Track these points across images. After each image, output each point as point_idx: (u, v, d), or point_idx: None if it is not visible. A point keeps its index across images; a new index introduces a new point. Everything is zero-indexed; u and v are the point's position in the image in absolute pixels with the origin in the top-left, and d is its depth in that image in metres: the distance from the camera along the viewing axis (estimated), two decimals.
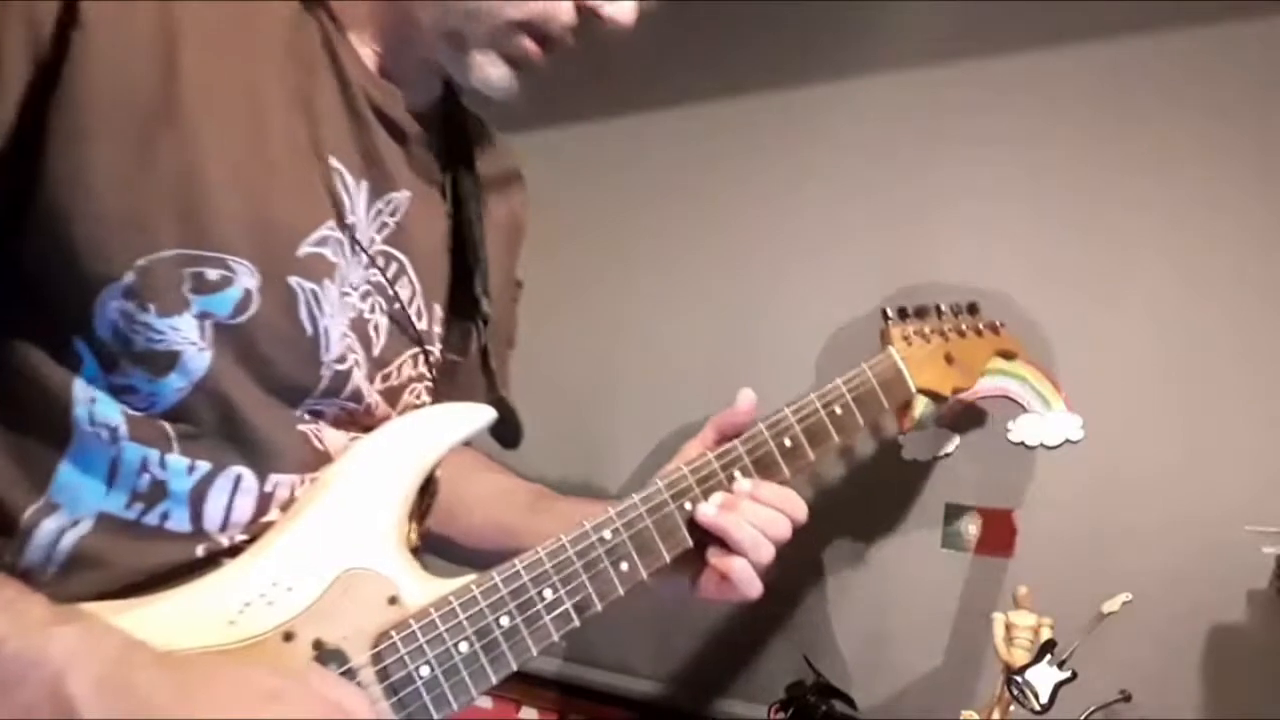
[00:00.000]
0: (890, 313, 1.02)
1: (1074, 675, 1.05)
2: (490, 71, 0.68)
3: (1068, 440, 1.25)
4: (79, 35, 0.55)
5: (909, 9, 1.43)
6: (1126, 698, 1.08)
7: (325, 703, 0.58)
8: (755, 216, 1.55)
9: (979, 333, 1.10)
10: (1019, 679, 1.06)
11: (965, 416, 1.31)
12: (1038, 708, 1.04)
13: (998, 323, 1.13)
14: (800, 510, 0.81)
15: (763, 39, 1.55)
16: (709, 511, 0.78)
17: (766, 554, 0.78)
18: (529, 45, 0.68)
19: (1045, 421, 1.26)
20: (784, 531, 0.79)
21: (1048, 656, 1.06)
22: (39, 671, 0.51)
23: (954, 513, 1.31)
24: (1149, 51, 1.27)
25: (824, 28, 1.50)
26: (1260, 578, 1.09)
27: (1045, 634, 1.09)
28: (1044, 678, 1.05)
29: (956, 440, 1.33)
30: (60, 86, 0.55)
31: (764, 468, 0.83)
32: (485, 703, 1.57)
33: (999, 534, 1.28)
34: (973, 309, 1.10)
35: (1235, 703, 1.12)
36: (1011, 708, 1.08)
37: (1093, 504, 1.23)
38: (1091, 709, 1.08)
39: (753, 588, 0.79)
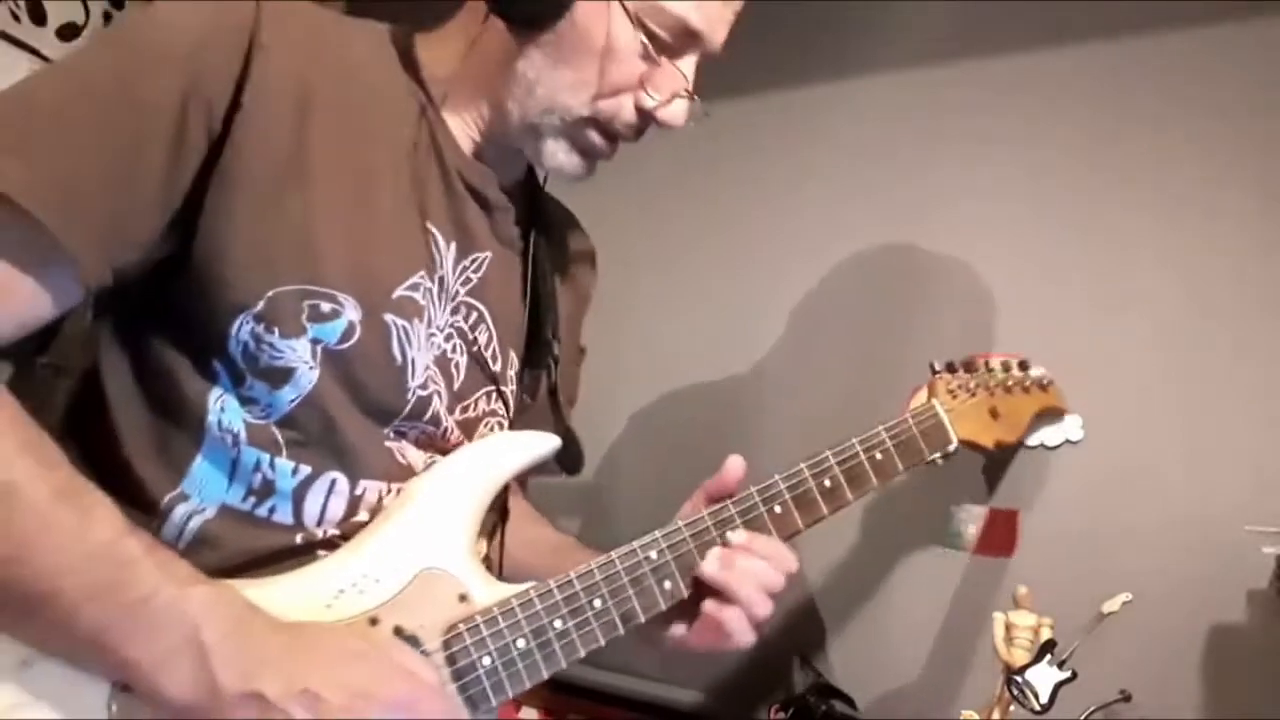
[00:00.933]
0: (937, 366, 1.04)
1: (1074, 675, 1.05)
2: (562, 159, 0.81)
3: (1068, 440, 1.24)
4: (240, 118, 0.68)
5: (909, 9, 1.43)
6: (1126, 698, 1.08)
7: (402, 669, 0.69)
8: (755, 216, 1.55)
9: (1025, 389, 1.10)
10: (1019, 679, 1.06)
11: None
12: (1038, 708, 1.04)
13: (1046, 380, 1.12)
14: (792, 564, 0.84)
15: (763, 39, 1.56)
16: (711, 568, 0.81)
17: (764, 609, 0.81)
18: (596, 138, 0.81)
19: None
20: (779, 585, 0.83)
21: (1048, 656, 1.06)
22: (181, 623, 0.62)
23: (954, 513, 1.32)
24: (1149, 52, 1.27)
25: (824, 28, 1.50)
26: (1260, 578, 1.09)
27: (1045, 634, 1.09)
28: (1044, 678, 1.05)
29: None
30: (221, 158, 0.68)
31: (803, 505, 0.87)
32: None
33: (1001, 534, 1.28)
34: (1024, 365, 1.11)
35: (1235, 703, 1.12)
36: (1011, 708, 1.08)
37: (1093, 504, 1.23)
38: (1091, 709, 1.08)
39: (747, 637, 0.82)
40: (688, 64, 0.80)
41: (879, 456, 0.91)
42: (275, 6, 0.71)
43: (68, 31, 1.86)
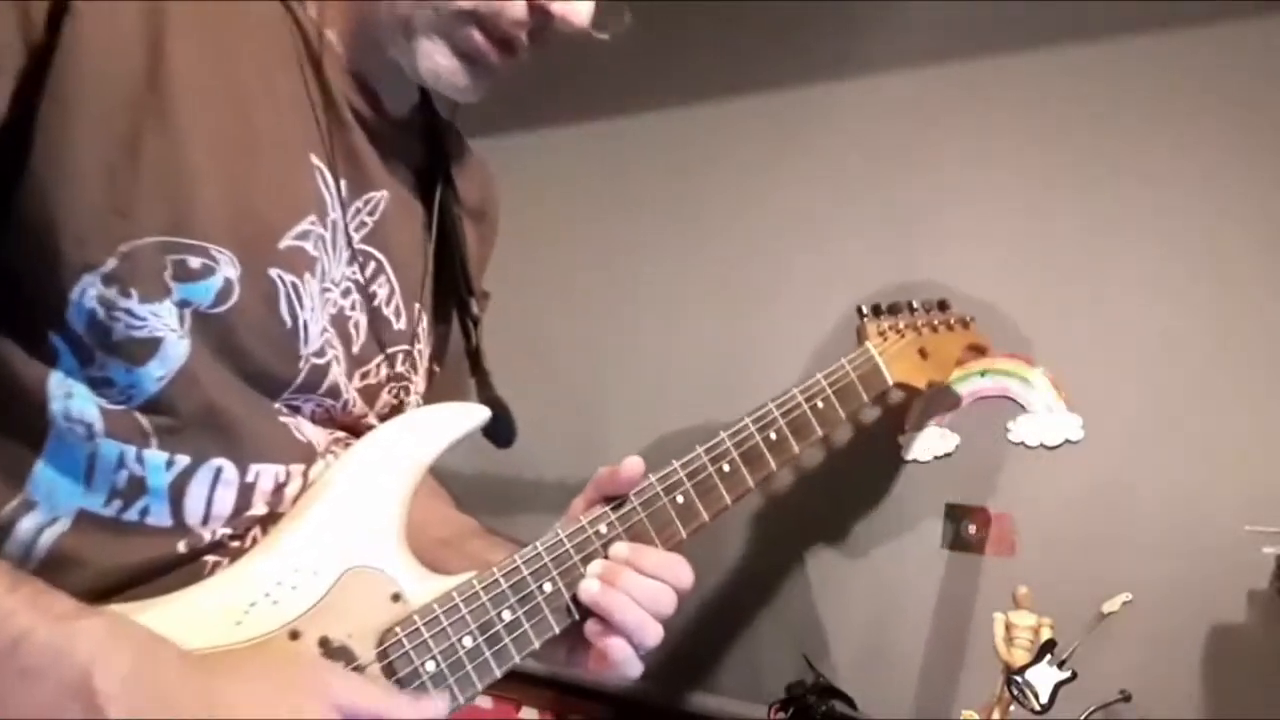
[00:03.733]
0: (865, 309, 1.06)
1: (1074, 675, 1.05)
2: (439, 61, 0.67)
3: (1068, 440, 1.25)
4: (69, 24, 0.55)
5: (909, 9, 1.43)
6: (1126, 698, 1.08)
7: (335, 700, 0.58)
8: (755, 216, 1.55)
9: (949, 327, 1.13)
10: (1019, 679, 1.06)
11: (966, 416, 1.32)
12: (1038, 708, 1.04)
13: (968, 318, 1.16)
14: (686, 578, 0.74)
15: (762, 39, 1.55)
16: (591, 589, 0.71)
17: (653, 637, 0.72)
18: (479, 38, 0.67)
19: (1045, 421, 1.26)
20: (670, 606, 0.73)
21: (1048, 656, 1.06)
22: (67, 662, 0.51)
23: (954, 513, 1.32)
24: (1150, 51, 1.27)
25: (824, 28, 1.50)
26: (1260, 578, 1.09)
27: (1045, 634, 1.09)
28: (1044, 678, 1.05)
29: (957, 440, 1.33)
30: (50, 75, 0.55)
31: (751, 460, 0.83)
32: (485, 703, 1.57)
33: (1000, 534, 1.28)
34: (943, 305, 1.14)
35: (1235, 703, 1.12)
36: (1011, 708, 1.08)
37: (1093, 504, 1.23)
38: (1091, 709, 1.08)
39: (633, 668, 0.72)
40: None
41: (820, 405, 0.89)
42: None
43: None
